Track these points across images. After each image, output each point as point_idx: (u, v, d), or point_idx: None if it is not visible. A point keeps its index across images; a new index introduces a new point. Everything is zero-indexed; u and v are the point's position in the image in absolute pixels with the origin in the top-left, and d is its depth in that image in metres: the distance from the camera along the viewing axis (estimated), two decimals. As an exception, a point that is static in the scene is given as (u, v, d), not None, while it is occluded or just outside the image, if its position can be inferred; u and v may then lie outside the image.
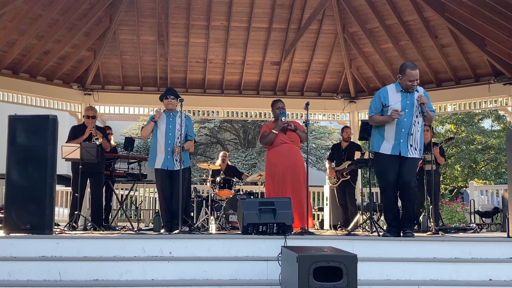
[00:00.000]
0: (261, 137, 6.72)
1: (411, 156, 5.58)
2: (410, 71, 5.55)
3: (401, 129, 5.54)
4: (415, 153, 5.60)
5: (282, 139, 6.54)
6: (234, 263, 4.88)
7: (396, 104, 5.57)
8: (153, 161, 6.52)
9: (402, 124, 5.54)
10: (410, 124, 5.54)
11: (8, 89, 9.81)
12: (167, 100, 6.54)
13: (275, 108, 6.75)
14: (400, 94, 5.62)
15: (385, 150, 5.61)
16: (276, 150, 6.58)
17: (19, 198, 5.50)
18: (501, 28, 8.72)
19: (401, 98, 5.60)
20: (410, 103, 5.59)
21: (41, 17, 9.08)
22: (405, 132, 5.54)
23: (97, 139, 7.19)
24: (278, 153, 6.53)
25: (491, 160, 19.28)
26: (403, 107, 5.55)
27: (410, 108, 5.56)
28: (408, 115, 5.54)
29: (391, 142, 5.58)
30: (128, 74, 10.91)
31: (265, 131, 6.66)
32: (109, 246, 5.02)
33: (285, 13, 10.20)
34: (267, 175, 6.69)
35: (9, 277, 4.65)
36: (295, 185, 6.39)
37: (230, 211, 7.91)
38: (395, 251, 5.13)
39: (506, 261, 5.05)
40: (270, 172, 6.61)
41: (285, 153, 6.49)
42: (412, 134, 5.55)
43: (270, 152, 6.67)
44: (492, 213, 9.22)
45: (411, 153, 5.58)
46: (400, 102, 5.58)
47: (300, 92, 11.44)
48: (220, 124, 22.28)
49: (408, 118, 5.54)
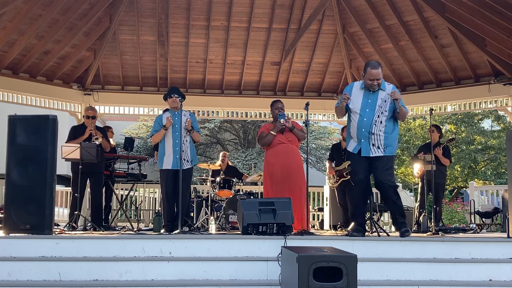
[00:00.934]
0: (259, 138, 6.72)
1: (376, 155, 5.58)
2: (370, 70, 5.60)
3: (361, 129, 5.58)
4: (378, 151, 5.58)
5: (279, 140, 6.54)
6: (234, 263, 4.88)
7: (356, 102, 5.62)
8: (161, 161, 6.57)
9: (362, 124, 5.57)
10: (370, 124, 5.55)
11: (8, 89, 9.81)
12: (172, 99, 6.56)
13: (274, 109, 6.73)
14: (363, 92, 5.66)
15: (353, 149, 5.71)
16: (273, 150, 6.58)
17: (19, 198, 5.50)
18: (501, 28, 8.72)
19: (362, 96, 5.63)
20: (371, 102, 5.60)
21: (41, 17, 9.07)
22: (365, 132, 5.56)
23: (96, 139, 7.19)
24: (276, 153, 6.53)
25: (491, 160, 19.28)
26: (363, 105, 5.59)
27: (371, 108, 5.58)
28: (369, 114, 5.56)
29: (356, 141, 5.67)
30: (128, 74, 10.91)
31: (263, 132, 6.65)
32: (109, 246, 5.01)
33: (285, 13, 10.20)
34: (265, 175, 6.69)
35: (9, 277, 4.65)
36: (292, 185, 6.38)
37: (230, 211, 7.91)
38: (395, 251, 5.13)
39: (506, 262, 5.04)
40: (268, 172, 6.61)
41: (283, 153, 6.49)
42: (374, 133, 5.55)
43: (268, 152, 6.68)
44: (492, 213, 9.22)
45: (374, 152, 5.58)
46: (361, 100, 5.62)
47: (300, 92, 11.44)
48: (220, 124, 22.29)
49: (369, 117, 5.56)
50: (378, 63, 5.74)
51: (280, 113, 6.60)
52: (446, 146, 8.15)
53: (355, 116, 5.64)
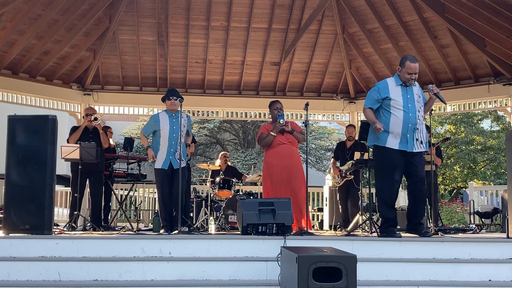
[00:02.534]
0: (259, 139, 6.67)
1: (418, 151, 5.53)
2: (409, 64, 5.50)
3: (407, 124, 5.44)
4: (421, 147, 5.55)
5: (279, 140, 6.50)
6: (233, 263, 4.88)
7: (398, 98, 5.49)
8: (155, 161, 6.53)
9: (408, 120, 5.44)
10: (415, 119, 5.47)
11: (8, 89, 9.82)
12: (170, 101, 6.52)
13: (272, 109, 6.68)
14: (400, 88, 5.56)
15: (392, 145, 5.50)
16: (273, 151, 6.53)
17: (18, 198, 5.50)
18: (501, 29, 8.73)
19: (401, 92, 5.53)
20: (410, 97, 5.52)
21: (41, 17, 9.08)
22: (412, 127, 5.46)
23: (95, 119, 7.25)
24: (276, 154, 6.49)
25: (490, 161, 19.28)
26: (404, 100, 5.49)
27: (412, 102, 5.50)
28: (412, 109, 5.47)
29: (398, 137, 5.48)
30: (127, 74, 10.92)
31: (263, 133, 6.60)
32: (109, 246, 5.01)
33: (284, 14, 10.20)
34: (265, 176, 6.64)
35: (8, 277, 4.64)
36: (293, 186, 6.37)
37: (230, 211, 7.91)
38: (395, 251, 5.12)
39: (506, 262, 5.04)
40: (268, 173, 6.56)
41: (283, 154, 6.45)
42: (418, 128, 5.49)
43: (268, 153, 6.62)
44: (492, 213, 9.22)
45: (417, 147, 5.52)
46: (401, 96, 5.51)
47: (300, 93, 11.45)
48: (220, 124, 22.29)
49: (413, 112, 5.47)
50: (415, 57, 5.65)
51: (279, 113, 6.58)
52: (438, 146, 8.15)
53: (397, 112, 5.47)
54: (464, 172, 19.50)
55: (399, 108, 5.48)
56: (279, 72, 11.13)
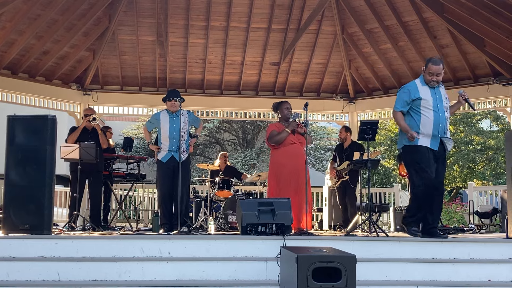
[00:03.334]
0: (270, 136, 6.47)
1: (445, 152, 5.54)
2: (431, 65, 5.52)
3: (438, 124, 5.45)
4: (449, 147, 5.55)
5: (291, 140, 6.41)
6: (233, 263, 4.88)
7: (427, 97, 5.48)
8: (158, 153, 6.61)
9: (439, 120, 5.45)
10: (445, 119, 5.48)
11: (7, 89, 9.81)
12: (171, 103, 6.56)
13: (283, 108, 6.58)
14: (428, 88, 5.56)
15: (424, 143, 5.48)
16: (284, 150, 6.40)
17: (18, 198, 5.50)
18: (500, 29, 8.73)
19: (430, 91, 5.54)
20: (438, 97, 5.54)
21: (40, 17, 9.07)
22: (442, 127, 5.48)
23: (94, 119, 7.26)
24: (287, 154, 6.37)
25: (489, 161, 19.29)
26: (433, 100, 5.49)
27: (440, 102, 5.50)
28: (441, 109, 5.48)
29: (429, 137, 5.47)
30: (127, 74, 10.92)
31: (274, 130, 6.46)
32: (108, 246, 5.01)
33: (284, 14, 10.20)
34: (272, 175, 6.51)
35: (8, 278, 4.64)
36: (301, 187, 6.28)
37: (229, 211, 7.91)
38: (394, 251, 5.13)
39: (505, 262, 5.05)
40: (276, 172, 6.43)
41: (295, 154, 6.36)
42: (447, 129, 5.53)
43: (278, 152, 6.47)
44: (491, 213, 9.22)
45: (448, 147, 5.53)
46: (430, 95, 5.50)
47: (299, 93, 11.44)
48: (219, 124, 22.28)
49: (443, 112, 5.48)
50: (440, 60, 5.64)
51: (296, 112, 6.55)
52: None
53: (427, 113, 5.47)
54: (464, 172, 19.51)
55: (430, 108, 5.48)
56: (279, 72, 11.12)
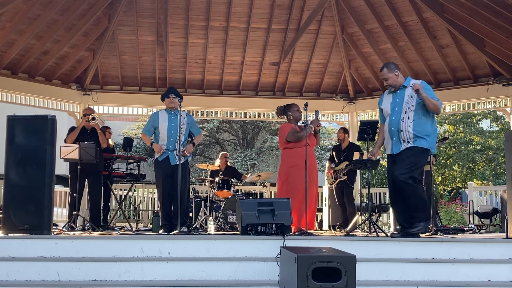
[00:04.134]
0: (289, 134, 6.46)
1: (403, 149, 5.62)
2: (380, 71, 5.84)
3: (391, 127, 5.67)
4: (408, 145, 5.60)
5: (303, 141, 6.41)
6: (232, 263, 4.88)
7: (386, 107, 5.76)
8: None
9: (391, 123, 5.67)
10: (398, 121, 5.62)
11: (7, 89, 9.81)
12: (169, 99, 6.56)
13: (294, 110, 6.67)
14: (391, 96, 5.78)
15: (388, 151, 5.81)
16: (297, 151, 6.40)
17: (17, 198, 5.49)
18: (500, 29, 8.73)
19: (391, 99, 5.74)
20: (399, 100, 5.69)
21: (40, 17, 9.07)
22: (394, 130, 5.63)
23: (93, 119, 7.26)
24: (299, 154, 6.34)
25: (489, 161, 19.29)
26: (392, 106, 5.70)
27: (399, 106, 5.66)
28: (397, 112, 5.64)
29: (389, 142, 5.75)
30: (127, 74, 10.92)
31: (293, 128, 6.50)
32: (108, 246, 5.01)
33: (284, 14, 10.20)
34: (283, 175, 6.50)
35: (8, 278, 4.64)
36: (310, 188, 6.27)
37: (229, 211, 7.91)
38: (394, 251, 5.13)
39: (505, 262, 5.05)
40: (289, 173, 6.43)
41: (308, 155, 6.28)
42: (402, 130, 5.60)
43: (290, 153, 6.48)
44: (491, 214, 9.23)
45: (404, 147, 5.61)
46: (389, 104, 5.74)
47: (299, 93, 11.44)
48: (219, 124, 22.29)
49: (397, 116, 5.64)
50: (384, 64, 5.84)
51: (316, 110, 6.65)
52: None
53: (387, 118, 5.76)
54: (463, 172, 19.50)
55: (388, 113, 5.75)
56: (279, 72, 11.12)
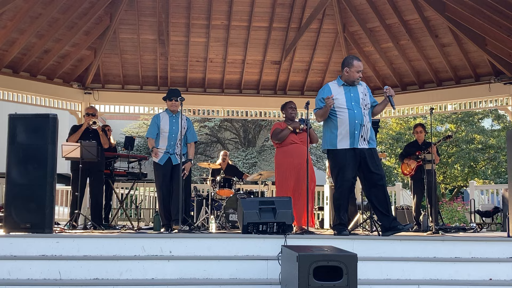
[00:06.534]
0: (273, 133, 6.66)
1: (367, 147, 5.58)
2: (357, 62, 5.66)
3: (354, 121, 5.55)
4: (364, 143, 5.59)
5: (292, 139, 6.56)
6: (234, 262, 4.88)
7: (340, 97, 5.60)
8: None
9: (354, 116, 5.55)
10: (361, 115, 5.56)
11: (8, 88, 9.81)
12: (171, 102, 6.59)
13: (288, 108, 6.77)
14: (343, 88, 5.69)
15: (343, 145, 5.58)
16: (284, 150, 6.58)
17: (19, 197, 5.50)
18: (502, 28, 8.71)
19: (344, 91, 5.66)
20: (354, 95, 5.64)
21: (41, 16, 9.07)
22: (358, 123, 5.55)
23: (94, 123, 7.27)
24: (286, 153, 6.53)
25: (491, 160, 19.28)
26: (347, 100, 5.60)
27: (356, 101, 5.61)
28: (356, 106, 5.58)
29: (347, 136, 5.56)
30: (128, 73, 10.91)
31: (278, 128, 6.65)
32: (109, 245, 5.02)
33: (285, 12, 10.19)
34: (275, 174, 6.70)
35: (9, 276, 4.65)
36: (302, 186, 6.31)
37: (230, 210, 7.92)
38: (395, 250, 5.13)
39: (506, 261, 5.05)
40: (278, 172, 6.61)
41: (294, 153, 6.47)
42: (364, 125, 5.57)
43: (279, 152, 6.66)
44: (492, 212, 9.22)
45: (361, 144, 5.57)
46: (344, 95, 5.62)
47: (301, 92, 11.43)
48: (220, 123, 22.29)
49: (358, 109, 5.58)
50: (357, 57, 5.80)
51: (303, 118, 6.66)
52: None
53: (343, 112, 5.58)
54: (465, 171, 19.49)
55: (343, 107, 5.59)
56: (280, 71, 11.11)
